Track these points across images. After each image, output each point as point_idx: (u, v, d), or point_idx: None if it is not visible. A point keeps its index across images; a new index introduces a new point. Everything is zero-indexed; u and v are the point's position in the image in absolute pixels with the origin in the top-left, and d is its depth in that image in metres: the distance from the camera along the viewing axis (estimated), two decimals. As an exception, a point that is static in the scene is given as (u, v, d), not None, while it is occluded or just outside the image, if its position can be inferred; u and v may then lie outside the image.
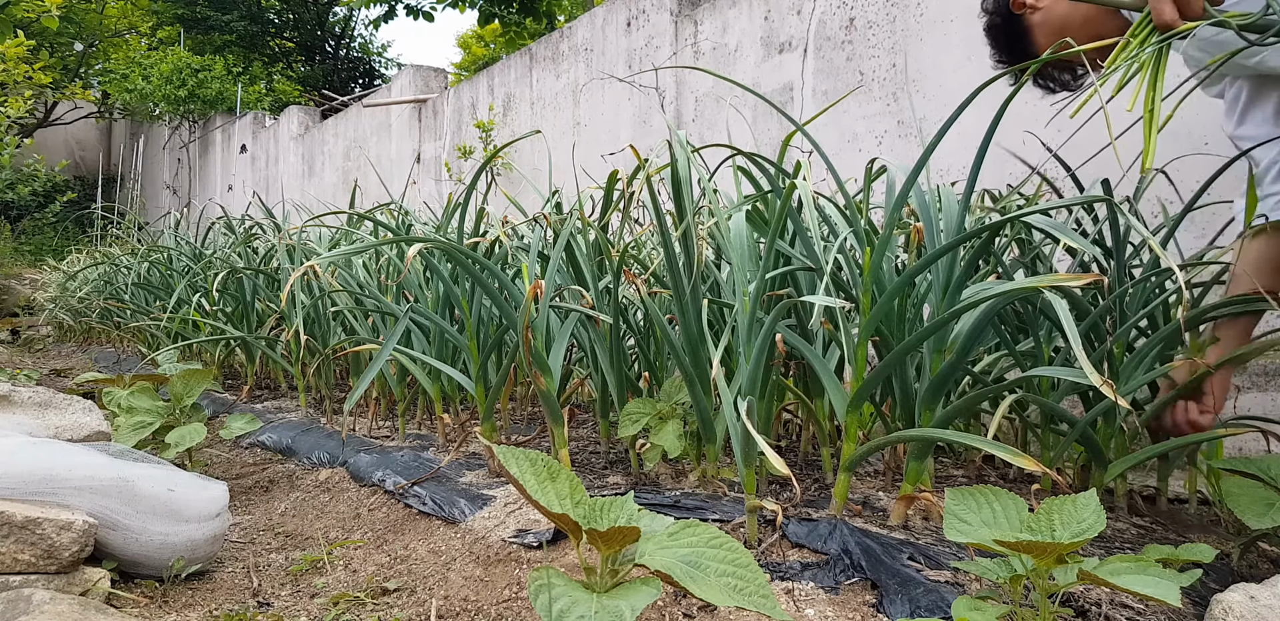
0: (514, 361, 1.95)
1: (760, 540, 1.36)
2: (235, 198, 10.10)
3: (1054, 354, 1.62)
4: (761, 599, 0.98)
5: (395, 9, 10.61)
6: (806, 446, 1.97)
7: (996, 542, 1.00)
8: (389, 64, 14.20)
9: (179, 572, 1.50)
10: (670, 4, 4.19)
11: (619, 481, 1.80)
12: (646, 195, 1.59)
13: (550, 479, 1.09)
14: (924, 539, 1.34)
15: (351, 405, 1.84)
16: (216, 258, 3.81)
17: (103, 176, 14.31)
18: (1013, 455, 1.15)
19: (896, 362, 1.34)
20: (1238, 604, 1.04)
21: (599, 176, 3.89)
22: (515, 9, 9.40)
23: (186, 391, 2.27)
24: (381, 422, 2.74)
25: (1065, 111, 1.99)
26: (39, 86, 8.23)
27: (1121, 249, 1.51)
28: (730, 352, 1.63)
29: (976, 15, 1.66)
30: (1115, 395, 1.03)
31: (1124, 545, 1.40)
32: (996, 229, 1.28)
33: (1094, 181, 1.55)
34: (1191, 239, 2.14)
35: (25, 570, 1.31)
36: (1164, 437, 1.53)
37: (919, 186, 1.44)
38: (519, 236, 2.38)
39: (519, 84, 5.39)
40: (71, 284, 6.32)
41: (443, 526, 1.71)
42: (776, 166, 1.55)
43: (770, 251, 1.42)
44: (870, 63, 3.15)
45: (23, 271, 9.56)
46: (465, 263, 1.82)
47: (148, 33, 12.51)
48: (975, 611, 0.98)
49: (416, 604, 1.39)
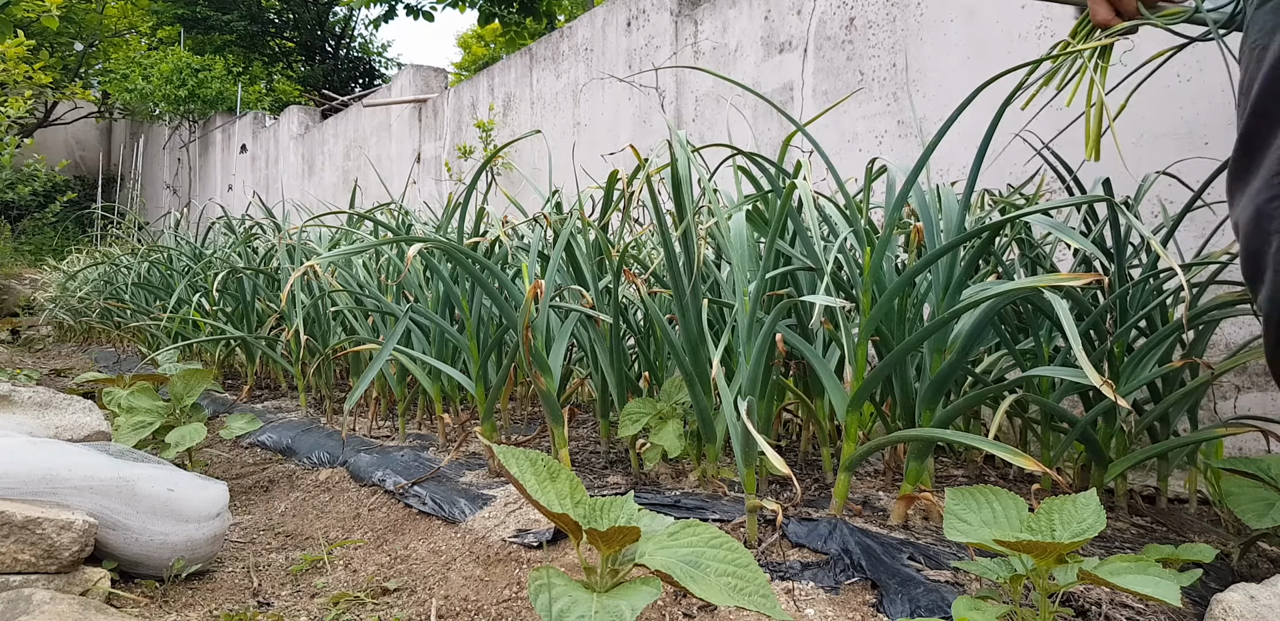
0: (514, 361, 1.95)
1: (760, 540, 1.36)
2: (235, 198, 10.10)
3: (1054, 353, 1.62)
4: (761, 598, 0.98)
5: (395, 9, 10.61)
6: (806, 446, 1.97)
7: (996, 542, 1.00)
8: (389, 64, 14.20)
9: (179, 572, 1.50)
10: (670, 4, 4.19)
11: (619, 481, 1.80)
12: (646, 195, 1.59)
13: (550, 479, 1.09)
14: (924, 538, 1.34)
15: (351, 405, 1.84)
16: (216, 257, 3.81)
17: (103, 176, 14.31)
18: (1013, 455, 1.15)
19: (896, 362, 1.33)
20: (1238, 604, 1.04)
21: (599, 176, 3.89)
22: (515, 9, 9.40)
23: (186, 391, 2.27)
24: (381, 422, 2.74)
25: (1038, 111, 1.98)
26: (39, 86, 8.23)
27: (1122, 249, 1.51)
28: (730, 352, 1.63)
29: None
30: (1115, 395, 1.03)
31: (1124, 545, 1.40)
32: (996, 229, 1.28)
33: (1095, 182, 1.55)
34: (1191, 239, 2.14)
35: (25, 570, 1.31)
36: (1164, 438, 1.53)
37: (919, 186, 1.44)
38: (519, 236, 2.38)
39: (519, 84, 5.39)
40: (71, 284, 6.32)
41: (443, 526, 1.71)
42: (777, 166, 1.55)
43: (770, 251, 1.42)
44: (870, 62, 3.15)
45: (23, 271, 9.56)
46: (465, 262, 1.82)
47: (148, 32, 12.51)
48: (975, 611, 0.98)
49: (416, 603, 1.39)
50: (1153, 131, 2.32)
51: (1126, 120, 2.37)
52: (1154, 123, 2.32)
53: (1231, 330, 2.14)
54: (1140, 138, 2.33)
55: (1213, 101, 2.22)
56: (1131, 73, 1.58)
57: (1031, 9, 2.64)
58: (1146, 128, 2.33)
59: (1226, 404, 2.14)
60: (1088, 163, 1.24)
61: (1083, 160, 1.28)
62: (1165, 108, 2.30)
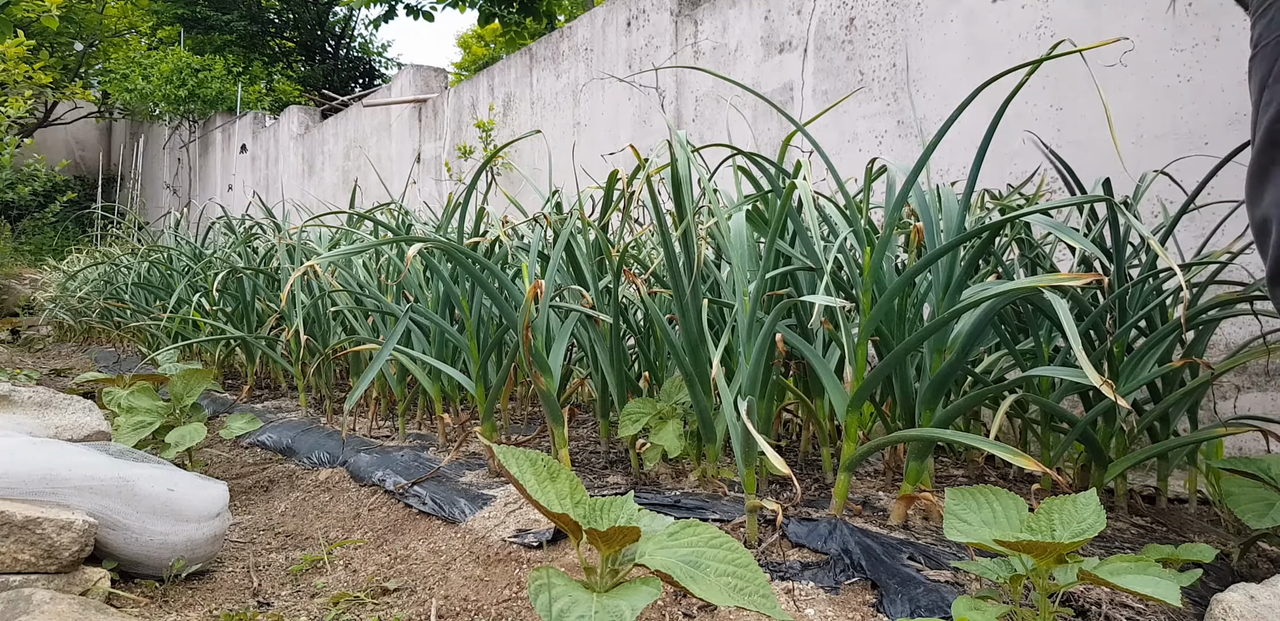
0: (514, 361, 1.95)
1: (760, 540, 1.36)
2: (235, 197, 10.10)
3: (1054, 353, 1.62)
4: (761, 598, 0.98)
5: (395, 9, 10.61)
6: (806, 446, 1.97)
7: (996, 542, 1.00)
8: (389, 64, 14.20)
9: (179, 572, 1.50)
10: (670, 4, 4.19)
11: (619, 481, 1.80)
12: (646, 195, 1.59)
13: (550, 479, 1.09)
14: (924, 539, 1.34)
15: (351, 405, 1.84)
16: (216, 257, 3.81)
17: (103, 176, 14.31)
18: (1013, 455, 1.15)
19: (896, 362, 1.33)
20: (1238, 604, 1.04)
21: (599, 176, 3.89)
22: (515, 9, 9.40)
23: (186, 391, 2.27)
24: (381, 422, 2.74)
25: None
26: (39, 86, 8.23)
27: (1121, 249, 1.51)
28: (730, 352, 1.63)
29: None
30: (1115, 395, 1.03)
31: (1124, 545, 1.40)
32: (996, 229, 1.28)
33: (1095, 182, 1.55)
34: (1191, 238, 2.14)
35: (25, 570, 1.31)
36: (1164, 438, 1.53)
37: (919, 186, 1.44)
38: (519, 236, 2.38)
39: (519, 84, 5.39)
40: (71, 284, 6.32)
41: (443, 526, 1.71)
42: (777, 166, 1.55)
43: (770, 251, 1.42)
44: (870, 62, 3.15)
45: (23, 271, 9.56)
46: (465, 262, 1.82)
47: (148, 32, 12.51)
48: (975, 611, 0.98)
49: (416, 603, 1.39)
50: (1152, 131, 2.32)
51: (1126, 120, 2.37)
52: (1153, 123, 2.32)
53: (1231, 330, 2.14)
54: (1140, 138, 2.34)
55: (1212, 101, 2.22)
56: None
57: (1031, 9, 2.64)
58: (1146, 128, 2.33)
59: (1226, 404, 2.14)
60: (1087, 163, 1.24)
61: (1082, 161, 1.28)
62: (1165, 108, 2.30)
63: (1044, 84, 2.55)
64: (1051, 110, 2.57)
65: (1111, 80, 2.39)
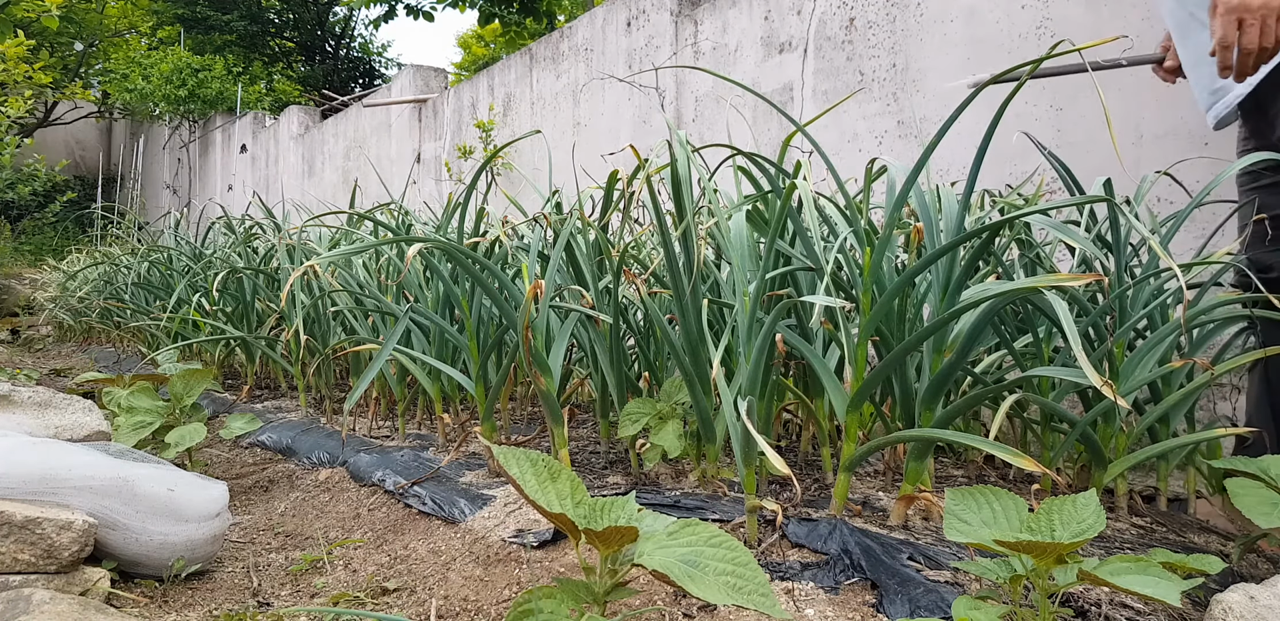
0: (514, 361, 1.95)
1: (760, 540, 1.36)
2: (235, 197, 10.10)
3: (1054, 353, 1.62)
4: (761, 598, 0.98)
5: (395, 9, 10.61)
6: (806, 446, 1.97)
7: (996, 542, 1.00)
8: (389, 64, 14.20)
9: (179, 572, 1.50)
10: (670, 4, 4.19)
11: (619, 481, 1.80)
12: (646, 195, 1.59)
13: (550, 479, 1.09)
14: (924, 539, 1.34)
15: (351, 405, 1.84)
16: (216, 257, 3.81)
17: (103, 176, 14.31)
18: (1013, 455, 1.14)
19: (896, 362, 1.33)
20: (1238, 604, 1.04)
21: (599, 176, 3.89)
22: (515, 9, 9.40)
23: (186, 391, 2.27)
24: (381, 422, 2.74)
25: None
26: (39, 86, 8.23)
27: (1121, 249, 1.51)
28: (730, 352, 1.63)
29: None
30: (1115, 395, 1.03)
31: (1124, 545, 1.40)
32: (996, 229, 1.28)
33: (1095, 182, 1.55)
34: (1191, 239, 2.14)
35: (25, 570, 1.31)
36: (1164, 438, 1.53)
37: (919, 186, 1.44)
38: (519, 236, 2.38)
39: (519, 84, 5.39)
40: (71, 284, 6.32)
41: (442, 526, 1.71)
42: (776, 166, 1.55)
43: (770, 251, 1.42)
44: (870, 63, 3.15)
45: (23, 271, 9.56)
46: (465, 262, 1.82)
47: (148, 32, 12.51)
48: (975, 611, 0.98)
49: (416, 604, 1.39)
50: (1152, 132, 2.32)
51: (1126, 121, 2.37)
52: (1153, 123, 2.32)
53: (1232, 330, 2.14)
54: (1140, 138, 2.34)
55: (1213, 102, 2.22)
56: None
57: (1031, 9, 2.64)
58: (1146, 128, 2.33)
59: (1226, 404, 2.14)
60: (1087, 164, 1.24)
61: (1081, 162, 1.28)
62: (1165, 108, 2.30)
63: (1044, 84, 2.55)
64: (1051, 110, 2.57)
65: (1111, 81, 2.39)
